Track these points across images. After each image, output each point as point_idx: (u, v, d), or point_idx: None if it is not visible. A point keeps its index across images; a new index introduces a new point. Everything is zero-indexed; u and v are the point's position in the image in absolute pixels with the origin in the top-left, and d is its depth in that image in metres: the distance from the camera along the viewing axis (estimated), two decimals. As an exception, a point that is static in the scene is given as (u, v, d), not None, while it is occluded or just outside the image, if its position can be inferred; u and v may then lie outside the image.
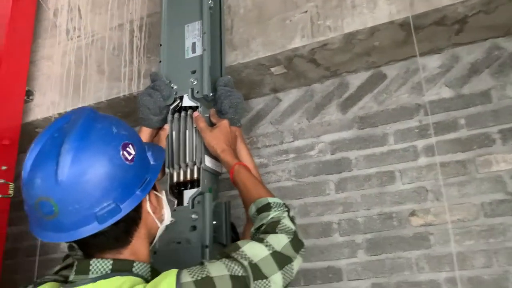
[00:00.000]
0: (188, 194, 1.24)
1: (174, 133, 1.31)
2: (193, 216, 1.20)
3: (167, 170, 1.27)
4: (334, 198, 1.58)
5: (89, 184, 0.77)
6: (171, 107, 1.34)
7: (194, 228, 1.19)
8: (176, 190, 1.27)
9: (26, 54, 1.89)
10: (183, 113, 1.32)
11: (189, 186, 1.26)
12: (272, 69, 1.61)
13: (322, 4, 1.50)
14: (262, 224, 0.99)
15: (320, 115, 1.69)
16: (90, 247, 0.83)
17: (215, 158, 1.26)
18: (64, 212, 0.77)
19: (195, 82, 1.33)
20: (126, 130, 0.86)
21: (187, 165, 1.25)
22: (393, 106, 1.60)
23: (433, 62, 1.57)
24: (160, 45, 1.44)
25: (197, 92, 1.32)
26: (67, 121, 0.83)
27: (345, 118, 1.64)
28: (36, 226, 0.82)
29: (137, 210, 0.84)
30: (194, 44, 1.40)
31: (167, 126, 1.32)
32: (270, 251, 0.89)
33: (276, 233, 0.94)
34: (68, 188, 0.76)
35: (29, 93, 1.87)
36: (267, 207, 1.02)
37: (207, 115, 1.33)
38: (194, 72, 1.35)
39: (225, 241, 1.22)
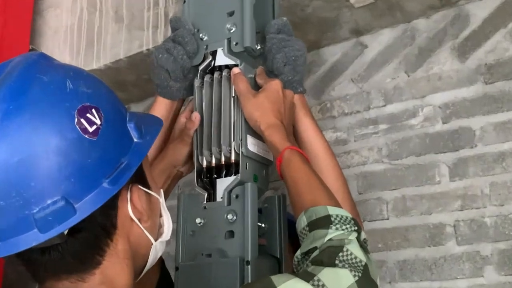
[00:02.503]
0: (222, 184, 1.09)
1: (204, 104, 1.14)
2: (229, 216, 1.04)
3: (195, 158, 1.13)
4: (448, 189, 1.36)
5: (22, 169, 0.62)
6: (200, 67, 1.16)
7: (231, 234, 1.04)
8: (206, 179, 1.12)
9: (29, 3, 1.78)
10: (216, 75, 1.14)
11: (224, 172, 1.10)
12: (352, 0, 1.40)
13: None
14: (314, 248, 0.81)
15: (426, 66, 1.45)
16: (38, 269, 0.68)
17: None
18: None
19: (233, 29, 1.14)
20: (90, 87, 0.69)
21: (220, 151, 1.09)
22: (542, 47, 1.36)
23: None
24: (185, -23, 1.29)
25: (236, 44, 1.13)
26: (1, 72, 0.68)
27: (464, 68, 1.39)
28: None
29: (108, 214, 0.69)
30: (232, -27, 1.24)
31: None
32: None
33: (336, 265, 0.76)
34: None
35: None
36: (324, 221, 0.83)
37: (251, 75, 1.14)
38: (231, 14, 1.15)
39: (279, 253, 1.06)
